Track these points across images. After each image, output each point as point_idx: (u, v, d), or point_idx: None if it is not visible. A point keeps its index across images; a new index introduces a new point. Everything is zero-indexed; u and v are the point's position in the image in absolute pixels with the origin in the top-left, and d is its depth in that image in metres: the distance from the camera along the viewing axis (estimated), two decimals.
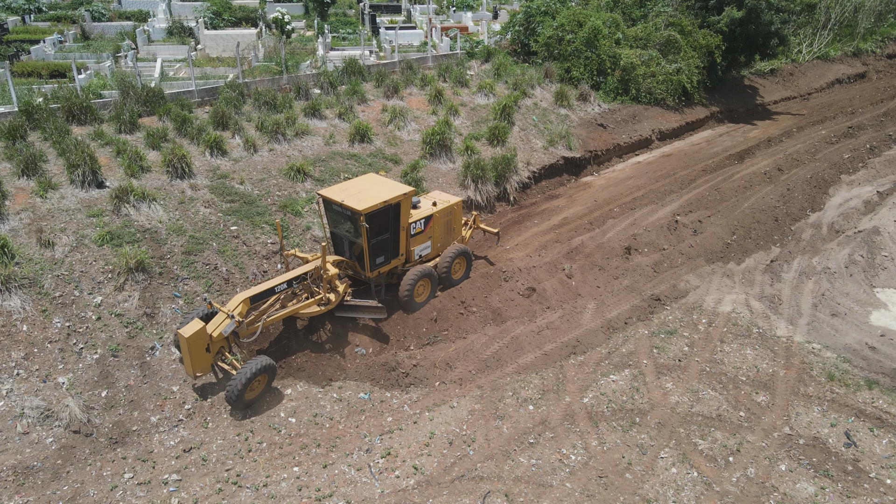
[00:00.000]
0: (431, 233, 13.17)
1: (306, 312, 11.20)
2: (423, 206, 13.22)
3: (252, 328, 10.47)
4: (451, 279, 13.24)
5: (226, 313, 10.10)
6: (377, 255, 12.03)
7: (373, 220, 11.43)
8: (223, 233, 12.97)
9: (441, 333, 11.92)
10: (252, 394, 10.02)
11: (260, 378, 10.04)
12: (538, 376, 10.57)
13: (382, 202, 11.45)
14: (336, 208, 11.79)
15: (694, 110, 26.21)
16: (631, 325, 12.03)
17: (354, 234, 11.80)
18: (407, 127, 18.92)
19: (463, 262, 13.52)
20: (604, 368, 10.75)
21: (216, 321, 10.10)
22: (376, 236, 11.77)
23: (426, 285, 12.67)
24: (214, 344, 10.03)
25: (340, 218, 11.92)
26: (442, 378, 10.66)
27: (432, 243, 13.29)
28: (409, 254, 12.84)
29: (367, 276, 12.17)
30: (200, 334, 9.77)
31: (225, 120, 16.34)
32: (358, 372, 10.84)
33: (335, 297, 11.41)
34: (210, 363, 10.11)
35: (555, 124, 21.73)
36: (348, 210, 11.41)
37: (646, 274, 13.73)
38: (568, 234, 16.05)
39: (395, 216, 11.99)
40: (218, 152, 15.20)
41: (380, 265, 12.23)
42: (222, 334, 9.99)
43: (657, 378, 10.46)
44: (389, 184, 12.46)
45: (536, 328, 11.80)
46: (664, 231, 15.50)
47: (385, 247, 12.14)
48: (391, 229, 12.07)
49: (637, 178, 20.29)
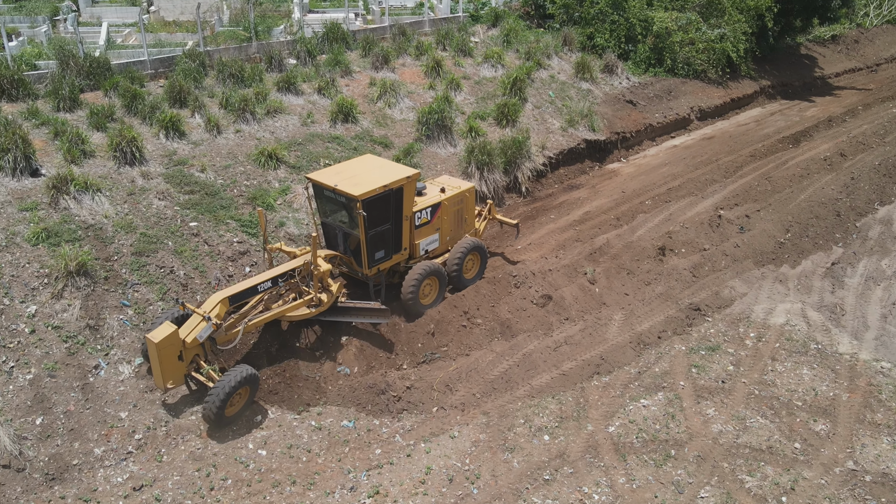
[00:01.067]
0: (439, 224, 13.28)
1: (294, 315, 11.29)
2: (429, 193, 13.30)
3: (231, 334, 10.58)
4: (462, 279, 13.33)
5: (201, 315, 10.22)
6: (376, 249, 12.12)
7: (371, 207, 11.52)
8: (181, 230, 12.99)
9: (440, 350, 11.94)
10: (232, 409, 10.13)
11: (241, 391, 10.14)
12: (555, 401, 10.59)
13: (382, 187, 11.54)
14: (328, 195, 11.90)
15: (740, 84, 26.25)
16: (665, 340, 12.05)
17: (350, 225, 11.94)
18: (399, 104, 18.94)
19: (476, 258, 13.63)
20: (633, 391, 10.76)
21: (190, 325, 10.20)
22: (375, 227, 11.86)
23: (433, 285, 12.76)
24: (188, 351, 10.13)
25: (333, 206, 12.05)
26: (441, 403, 10.66)
27: (440, 236, 13.42)
28: (414, 248, 12.94)
29: (364, 274, 12.28)
30: (172, 339, 9.86)
31: (183, 96, 16.35)
32: (341, 395, 10.85)
33: (327, 298, 11.51)
34: (183, 373, 10.22)
35: (575, 101, 21.76)
36: (342, 196, 11.52)
37: (683, 279, 13.75)
38: (590, 232, 16.05)
39: (397, 203, 12.08)
40: (175, 134, 15.22)
41: (379, 261, 12.32)
42: (197, 340, 10.09)
43: (696, 403, 10.47)
44: (389, 166, 12.61)
45: (553, 343, 11.82)
46: (705, 228, 15.53)
47: (385, 239, 12.23)
48: (392, 219, 12.16)
49: (673, 165, 20.31)
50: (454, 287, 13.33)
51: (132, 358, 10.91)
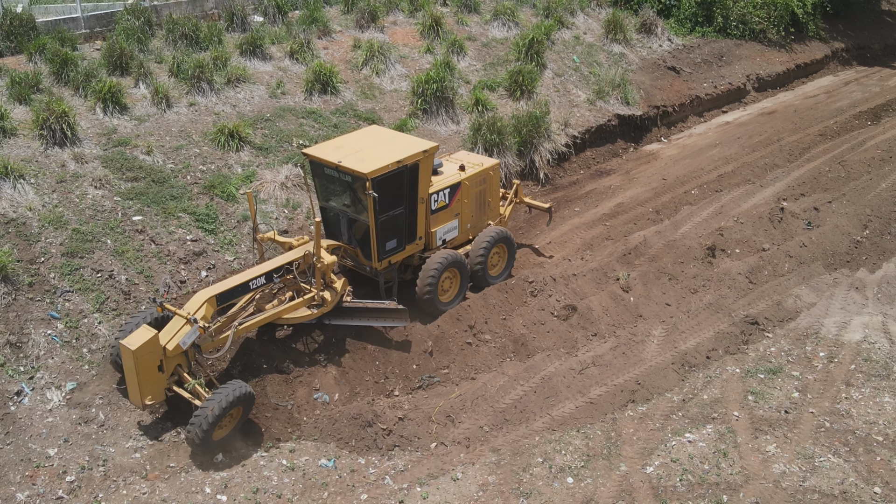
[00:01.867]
0: (459, 208, 13.58)
1: (292, 318, 11.55)
2: (446, 172, 13.61)
3: (219, 340, 10.76)
4: (486, 275, 13.67)
5: (184, 318, 10.31)
6: (388, 237, 12.40)
7: (382, 188, 11.75)
8: (122, 225, 13.01)
9: (439, 372, 11.97)
10: (221, 432, 10.29)
11: (233, 411, 10.29)
12: (580, 435, 10.60)
13: (395, 163, 11.81)
14: (330, 173, 12.17)
15: (808, 47, 26.29)
16: (715, 361, 12.06)
17: (356, 209, 12.24)
18: (389, 71, 18.97)
19: (503, 251, 13.99)
20: (676, 423, 10.77)
21: (171, 329, 10.32)
22: (387, 211, 12.13)
23: (454, 278, 13.11)
24: (169, 360, 10.26)
25: (336, 186, 12.38)
26: (440, 437, 10.67)
27: (460, 223, 13.74)
28: (430, 237, 13.26)
29: (372, 269, 12.61)
30: (151, 346, 9.95)
31: (124, 61, 16.38)
32: (318, 428, 10.87)
33: (331, 296, 11.73)
34: (164, 387, 10.36)
35: (605, 68, 21.78)
36: (348, 175, 11.81)
37: (737, 286, 13.77)
38: (624, 228, 16.06)
39: (412, 183, 12.35)
40: (114, 108, 15.25)
41: (391, 252, 12.61)
42: (180, 347, 10.22)
43: (754, 437, 10.48)
44: (401, 138, 13.03)
45: (578, 364, 11.84)
46: (764, 223, 15.56)
47: (398, 226, 12.53)
48: (406, 202, 12.43)
49: (725, 147, 20.32)
50: (475, 286, 13.66)
51: (63, 382, 10.92)
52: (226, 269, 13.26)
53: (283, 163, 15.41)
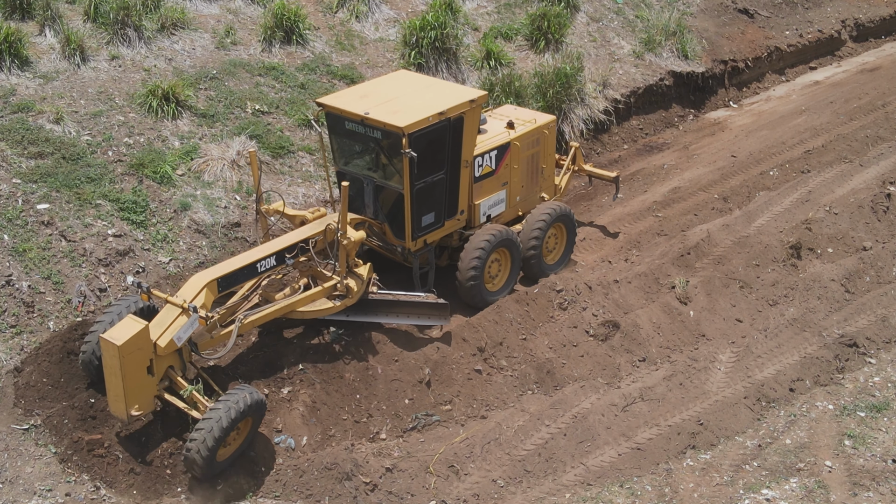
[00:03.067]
0: (507, 176, 14.07)
1: (309, 311, 11.98)
2: (490, 130, 14.06)
3: (220, 336, 11.18)
4: (541, 262, 14.22)
5: (180, 307, 10.58)
6: (424, 210, 12.83)
7: (420, 146, 12.08)
8: (23, 216, 13.05)
9: (439, 408, 12.00)
10: (226, 451, 10.64)
11: (241, 425, 10.66)
12: (625, 491, 10.67)
13: (437, 115, 12.19)
14: (352, 128, 12.61)
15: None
16: (802, 394, 12.11)
17: (384, 175, 12.72)
18: (374, 15, 18.97)
19: (561, 233, 14.58)
20: (750, 476, 10.82)
21: (162, 321, 10.60)
22: (424, 177, 12.50)
23: (503, 261, 13.71)
24: (160, 360, 10.53)
25: (360, 145, 12.99)
26: (441, 494, 10.71)
27: (508, 195, 14.27)
28: (473, 211, 13.71)
29: (404, 251, 13.17)
30: (141, 341, 10.17)
31: (27, 1, 16.39)
32: (280, 482, 10.89)
33: (356, 286, 12.08)
34: (153, 394, 10.66)
35: (656, 10, 21.84)
36: (377, 129, 12.25)
37: (830, 296, 13.83)
38: (681, 220, 16.07)
39: (456, 142, 12.78)
40: (13, 62, 15.30)
41: (428, 229, 13.08)
42: (175, 343, 10.48)
43: (853, 495, 10.55)
44: (439, 85, 13.70)
45: (621, 399, 11.89)
46: (864, 214, 15.60)
47: (436, 196, 12.96)
48: (448, 165, 12.85)
49: (813, 114, 20.34)
50: (528, 273, 14.21)
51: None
52: (159, 274, 13.30)
53: (235, 134, 15.46)
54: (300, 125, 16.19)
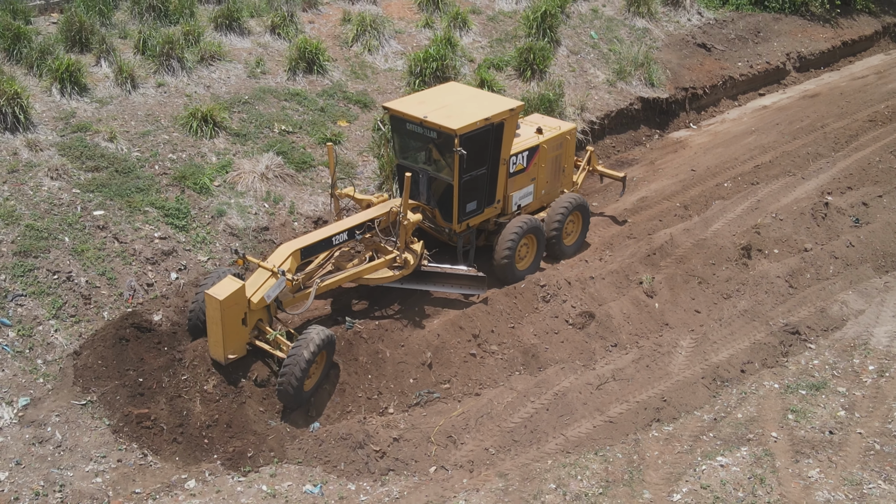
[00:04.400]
0: (535, 172, 14.67)
1: (374, 278, 12.80)
2: (523, 134, 14.66)
3: (300, 296, 12.00)
4: (561, 245, 14.84)
5: (269, 270, 11.37)
6: (469, 198, 13.47)
7: (469, 145, 12.74)
8: (81, 221, 13.05)
9: (439, 387, 12.01)
10: (310, 382, 11.36)
11: (318, 358, 11.31)
12: (599, 458, 10.62)
13: (484, 120, 12.86)
14: (412, 129, 13.25)
15: (856, 22, 26.34)
16: (751, 375, 12.10)
17: (437, 168, 13.38)
18: (383, 48, 19.01)
19: (578, 220, 15.15)
20: (707, 445, 10.79)
21: (255, 282, 11.36)
22: (471, 171, 13.17)
23: (531, 245, 14.29)
24: (252, 314, 11.27)
25: (417, 143, 13.54)
26: (440, 460, 10.70)
27: (536, 188, 14.88)
28: (507, 201, 14.36)
29: (449, 232, 13.89)
30: (238, 298, 10.91)
31: (85, 36, 16.42)
32: (303, 450, 10.90)
33: (412, 259, 12.95)
34: (245, 342, 11.38)
35: (627, 45, 21.79)
36: (434, 130, 12.85)
37: (776, 291, 13.82)
38: (648, 225, 16.08)
39: (497, 143, 13.41)
40: (73, 89, 15.30)
41: (471, 214, 13.77)
42: (265, 300, 11.24)
43: (794, 462, 10.49)
44: (484, 95, 14.45)
45: (596, 379, 11.89)
46: (806, 220, 15.59)
47: (479, 188, 13.62)
48: (489, 162, 13.50)
49: (762, 134, 20.34)
50: (551, 254, 14.83)
51: (14, 397, 10.94)
52: (198, 270, 13.30)
53: (264, 151, 15.47)
54: (320, 143, 16.18)
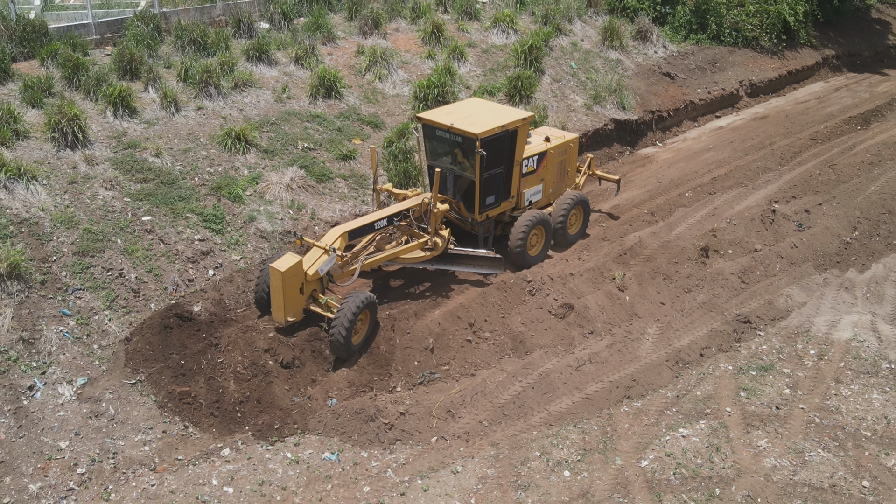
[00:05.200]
0: (544, 174, 15.06)
1: (408, 258, 13.29)
2: (534, 142, 15.06)
3: (348, 271, 12.52)
4: (566, 233, 15.17)
5: (323, 248, 12.00)
6: (488, 193, 13.91)
7: (488, 148, 13.19)
8: (131, 225, 13.08)
9: (440, 368, 12.01)
10: (357, 337, 11.88)
11: (362, 317, 11.82)
12: (577, 430, 10.64)
13: (500, 127, 13.28)
14: (441, 135, 13.69)
15: (799, 54, 26.36)
16: (709, 358, 12.11)
17: (462, 167, 13.75)
18: (392, 77, 19.03)
19: (580, 213, 15.52)
20: (670, 419, 10.81)
21: (311, 258, 12.00)
22: (489, 169, 13.59)
23: (540, 235, 14.60)
24: (308, 285, 11.89)
25: (445, 146, 13.86)
26: (441, 431, 10.72)
27: (544, 187, 15.24)
28: (520, 197, 14.73)
29: (472, 221, 14.21)
30: (296, 270, 11.58)
31: (134, 66, 16.48)
32: (322, 423, 10.89)
33: (441, 243, 13.45)
34: (302, 307, 12.01)
35: (601, 73, 21.82)
36: (459, 136, 13.28)
37: (730, 285, 13.82)
38: (620, 229, 16.11)
39: (511, 147, 13.84)
40: (124, 112, 15.33)
41: (489, 207, 14.16)
42: (319, 273, 11.86)
43: (745, 433, 10.52)
44: (500, 108, 14.75)
45: (575, 361, 11.89)
46: (756, 225, 15.61)
47: (496, 185, 14.04)
48: (505, 162, 13.93)
49: (718, 150, 20.36)
50: (557, 242, 15.08)
51: (74, 377, 10.97)
52: (233, 268, 13.33)
53: (289, 165, 15.49)
54: (338, 158, 16.20)
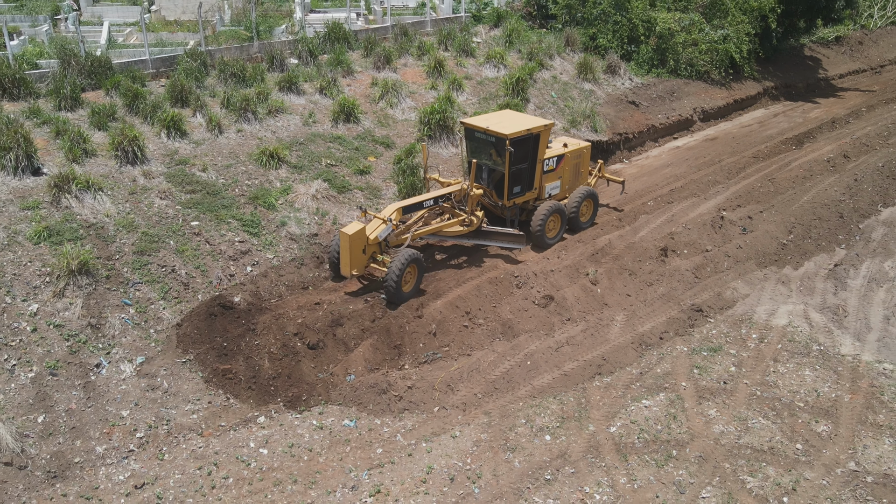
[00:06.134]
0: (561, 173, 15.73)
1: (450, 231, 14.06)
2: (554, 147, 15.78)
3: (401, 238, 13.25)
4: (578, 221, 15.78)
5: (381, 219, 12.94)
6: (515, 183, 14.64)
7: (517, 146, 13.96)
8: (182, 229, 13.09)
9: (441, 350, 12.01)
10: (407, 287, 12.72)
11: (410, 269, 12.66)
12: (556, 401, 10.65)
13: (526, 130, 14.05)
14: (479, 136, 14.42)
15: (744, 86, 26.34)
16: (667, 341, 12.11)
17: (495, 162, 14.41)
18: (401, 104, 19.04)
19: (590, 204, 16.01)
20: (634, 392, 10.82)
21: (372, 226, 12.89)
22: (517, 164, 14.32)
23: (556, 221, 15.17)
24: (369, 247, 12.74)
25: (482, 145, 14.50)
26: (442, 402, 10.73)
27: (561, 184, 15.87)
28: (541, 190, 15.38)
29: (502, 206, 14.86)
30: (360, 235, 12.48)
31: (184, 95, 16.49)
32: (342, 395, 10.92)
33: (476, 221, 14.18)
34: (364, 264, 12.82)
35: (577, 101, 21.84)
36: (493, 136, 14.04)
37: (685, 280, 13.82)
38: (592, 233, 16.12)
39: (535, 147, 14.55)
40: (176, 133, 15.34)
41: (516, 195, 14.85)
42: (378, 238, 12.73)
43: (698, 404, 10.53)
44: (528, 117, 15.41)
45: (554, 344, 11.89)
46: (707, 229, 15.60)
47: (522, 177, 14.76)
48: (529, 160, 14.66)
49: (675, 166, 20.37)
50: (571, 228, 15.68)
51: (134, 356, 11.01)
52: (267, 265, 13.33)
53: (314, 178, 15.45)
54: (355, 173, 16.18)
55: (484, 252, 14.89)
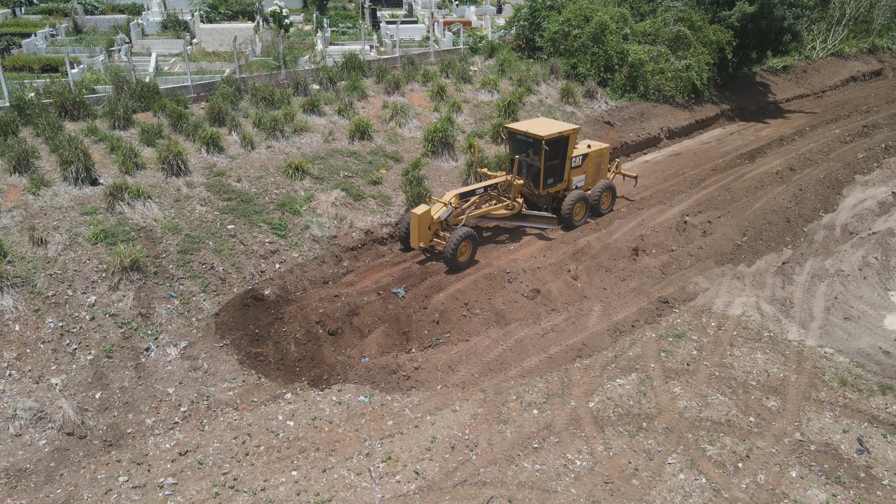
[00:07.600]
0: (586, 169, 16.54)
1: (497, 214, 14.93)
2: (580, 148, 16.61)
3: (458, 219, 14.11)
4: (599, 208, 16.53)
5: (443, 203, 13.87)
6: (549, 176, 15.59)
7: (550, 146, 14.94)
8: (220, 232, 13.08)
9: (443, 336, 12.01)
10: (462, 258, 13.50)
11: (465, 244, 13.43)
12: (543, 380, 10.65)
13: (559, 132, 15.00)
14: (520, 137, 15.41)
15: (704, 108, 26.29)
16: (638, 328, 12.12)
17: (532, 158, 15.29)
18: (408, 124, 19.02)
19: (609, 195, 16.77)
20: (610, 372, 10.82)
21: (436, 209, 13.79)
22: (551, 160, 15.24)
23: (582, 208, 16.06)
24: (434, 225, 13.68)
25: (523, 145, 15.41)
26: (444, 381, 10.74)
27: (586, 178, 16.70)
28: (569, 182, 16.25)
29: (538, 195, 15.71)
30: (427, 215, 13.50)
31: (221, 116, 16.46)
32: (358, 375, 10.93)
33: (518, 206, 15.10)
34: (429, 239, 13.68)
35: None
36: (531, 137, 15.02)
37: (653, 276, 13.82)
38: (573, 234, 16.11)
39: (565, 146, 15.48)
40: (214, 149, 15.32)
41: (550, 186, 15.81)
42: (440, 218, 13.68)
43: (665, 382, 10.54)
44: (559, 122, 16.03)
45: (541, 331, 11.88)
46: (673, 232, 15.59)
47: (555, 171, 15.70)
48: (561, 157, 15.57)
49: (645, 178, 20.35)
50: (593, 214, 16.43)
51: (178, 341, 11.01)
52: (293, 263, 13.32)
53: (333, 188, 15.42)
54: (369, 183, 16.15)
55: (483, 253, 14.87)
